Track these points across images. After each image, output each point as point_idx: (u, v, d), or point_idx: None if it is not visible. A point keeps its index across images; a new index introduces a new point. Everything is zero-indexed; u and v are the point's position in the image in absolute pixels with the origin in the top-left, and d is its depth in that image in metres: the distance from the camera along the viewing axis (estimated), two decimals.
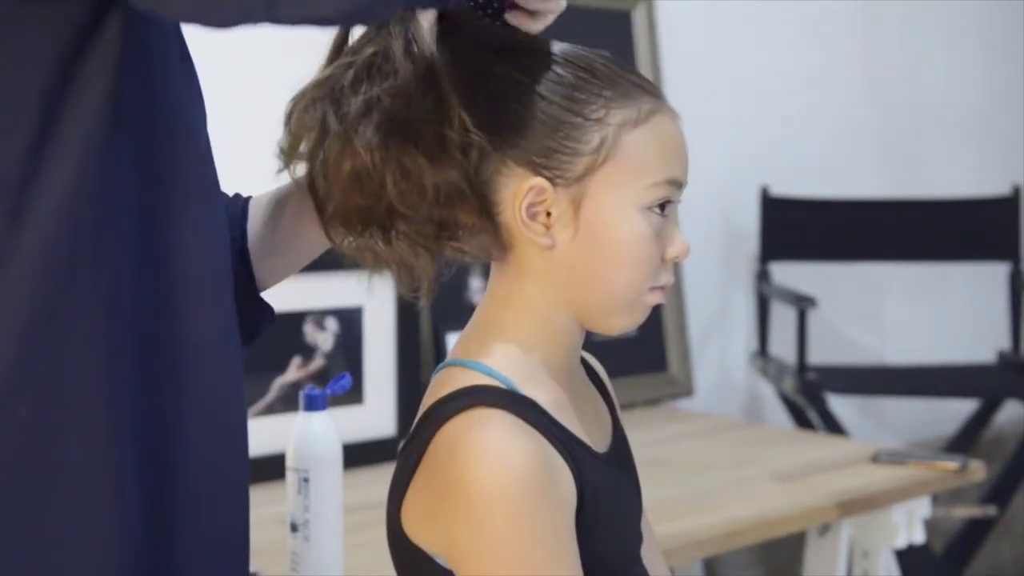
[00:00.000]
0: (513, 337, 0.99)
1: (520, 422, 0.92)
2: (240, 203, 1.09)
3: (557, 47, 1.00)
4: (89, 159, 0.83)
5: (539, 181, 0.96)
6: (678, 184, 0.99)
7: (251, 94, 2.27)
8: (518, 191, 0.96)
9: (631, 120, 0.97)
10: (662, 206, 0.98)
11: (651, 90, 1.00)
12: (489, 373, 0.96)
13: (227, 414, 0.94)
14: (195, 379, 0.90)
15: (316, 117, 0.96)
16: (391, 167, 0.93)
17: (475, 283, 2.37)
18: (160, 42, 0.90)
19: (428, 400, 0.98)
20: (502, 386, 0.95)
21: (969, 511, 2.75)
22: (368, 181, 0.94)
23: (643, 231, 0.97)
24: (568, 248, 0.97)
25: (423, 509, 0.95)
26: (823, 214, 3.09)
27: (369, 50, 0.96)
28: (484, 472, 0.89)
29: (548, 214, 0.97)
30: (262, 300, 1.09)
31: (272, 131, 1.00)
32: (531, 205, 0.96)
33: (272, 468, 1.75)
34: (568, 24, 1.04)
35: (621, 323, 1.01)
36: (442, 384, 0.97)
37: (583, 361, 1.10)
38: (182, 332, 0.90)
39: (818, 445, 2.36)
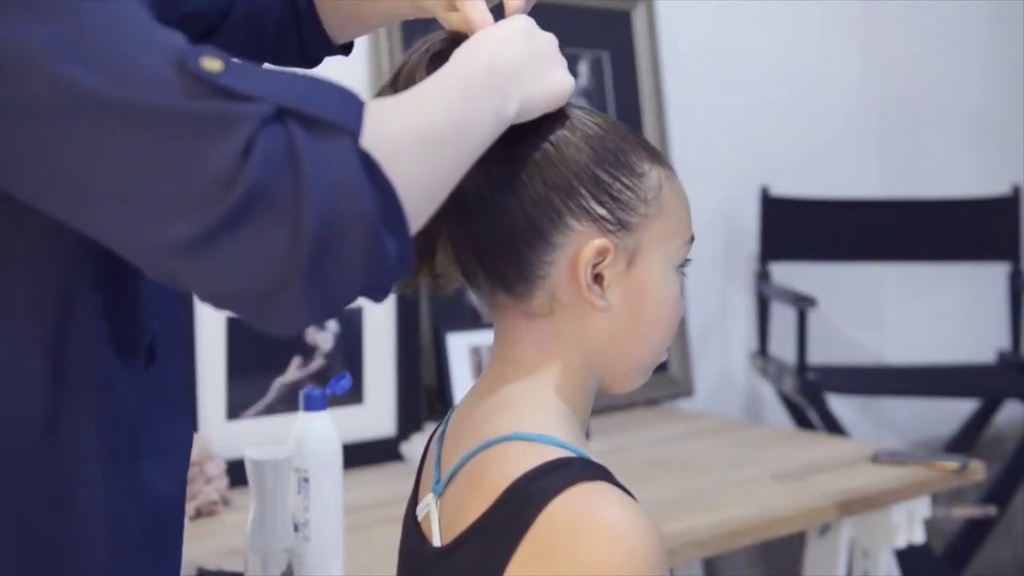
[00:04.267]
0: (558, 403, 0.95)
1: (622, 492, 0.88)
2: None
3: (583, 112, 0.96)
4: None
5: (604, 242, 0.92)
6: (692, 243, 0.98)
7: None
8: (581, 253, 0.92)
9: (665, 177, 0.95)
10: (682, 265, 0.97)
11: (661, 153, 0.99)
12: (561, 445, 0.90)
13: None
14: None
15: None
16: None
17: None
18: None
19: (493, 477, 0.90)
20: (578, 456, 0.90)
21: (969, 511, 2.75)
22: None
23: (676, 291, 0.96)
24: (618, 311, 0.94)
25: None
26: (823, 214, 3.10)
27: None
28: (623, 552, 0.84)
29: (600, 276, 0.93)
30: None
31: None
32: (593, 267, 0.92)
33: None
34: (568, 24, 1.04)
35: (636, 383, 0.98)
36: (506, 460, 0.90)
37: None
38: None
39: (818, 445, 2.36)
